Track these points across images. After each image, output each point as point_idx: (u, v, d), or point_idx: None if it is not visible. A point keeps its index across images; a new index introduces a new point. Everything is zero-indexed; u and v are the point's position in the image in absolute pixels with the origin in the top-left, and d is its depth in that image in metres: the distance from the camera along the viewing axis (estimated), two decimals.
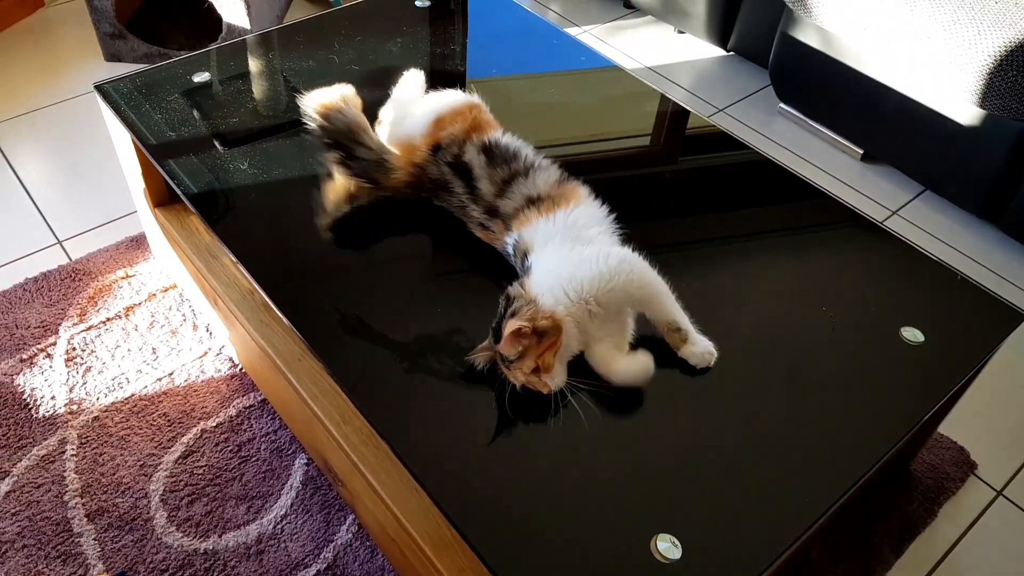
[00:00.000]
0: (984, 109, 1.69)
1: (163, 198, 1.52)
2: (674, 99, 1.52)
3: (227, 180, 1.28)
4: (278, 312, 1.12)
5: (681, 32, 2.49)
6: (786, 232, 1.27)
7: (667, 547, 0.87)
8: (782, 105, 2.19)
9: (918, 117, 1.83)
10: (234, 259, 1.18)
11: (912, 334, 1.11)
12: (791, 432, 0.99)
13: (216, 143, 1.35)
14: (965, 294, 1.18)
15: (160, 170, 1.30)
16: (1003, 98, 1.63)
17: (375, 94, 1.44)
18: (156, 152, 1.32)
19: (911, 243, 1.26)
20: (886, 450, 0.97)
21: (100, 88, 1.43)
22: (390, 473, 1.14)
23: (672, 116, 1.50)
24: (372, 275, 1.17)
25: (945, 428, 1.47)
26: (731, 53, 2.43)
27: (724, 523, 0.90)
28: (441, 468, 0.94)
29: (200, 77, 1.47)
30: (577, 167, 1.38)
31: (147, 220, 1.59)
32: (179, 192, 1.27)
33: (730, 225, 1.27)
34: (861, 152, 2.06)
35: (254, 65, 1.52)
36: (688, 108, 1.51)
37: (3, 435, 1.42)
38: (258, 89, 1.47)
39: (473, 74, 1.54)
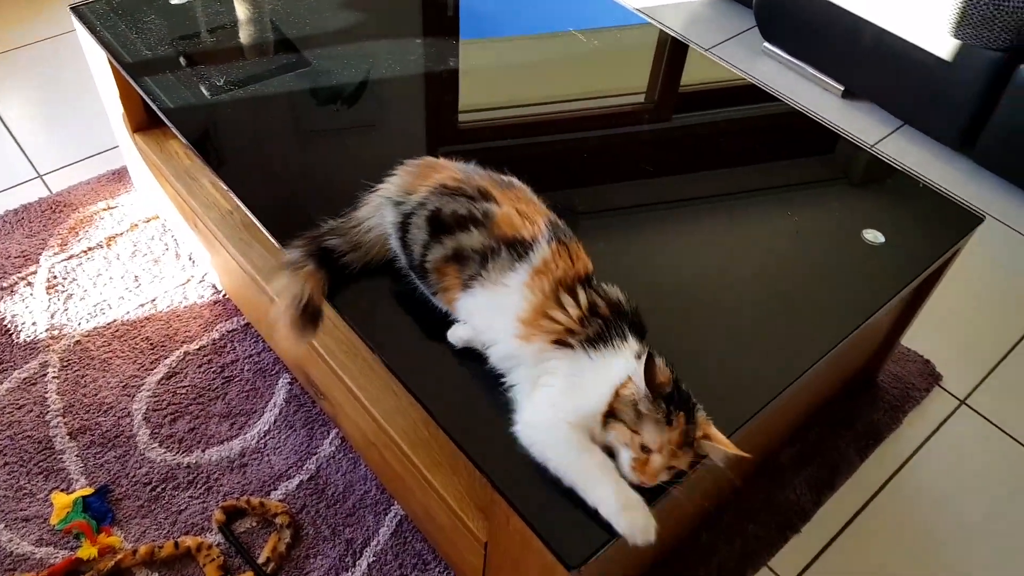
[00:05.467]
0: (959, 39, 1.71)
1: (142, 123, 1.52)
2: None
3: (204, 96, 1.29)
4: (256, 222, 1.14)
5: None
6: (758, 147, 1.29)
7: None
8: (766, 44, 2.20)
9: (897, 52, 1.85)
10: (213, 172, 1.19)
11: (873, 236, 1.14)
12: (758, 324, 1.02)
13: (193, 61, 1.35)
14: (926, 200, 1.21)
15: (136, 87, 1.31)
16: (976, 27, 1.65)
17: (361, 16, 1.45)
18: (132, 70, 1.32)
19: (875, 152, 1.28)
20: (846, 334, 1.01)
21: (76, 9, 1.43)
22: (369, 379, 1.16)
23: (671, 51, 1.51)
24: (350, 184, 1.18)
25: (911, 342, 1.51)
26: None
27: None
28: (418, 367, 0.96)
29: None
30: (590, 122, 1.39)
31: (127, 147, 1.59)
32: (155, 108, 1.27)
33: (709, 144, 1.30)
34: (842, 89, 2.08)
35: None
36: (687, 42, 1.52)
37: None
38: (236, 8, 1.47)
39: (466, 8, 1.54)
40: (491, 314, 0.93)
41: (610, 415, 0.83)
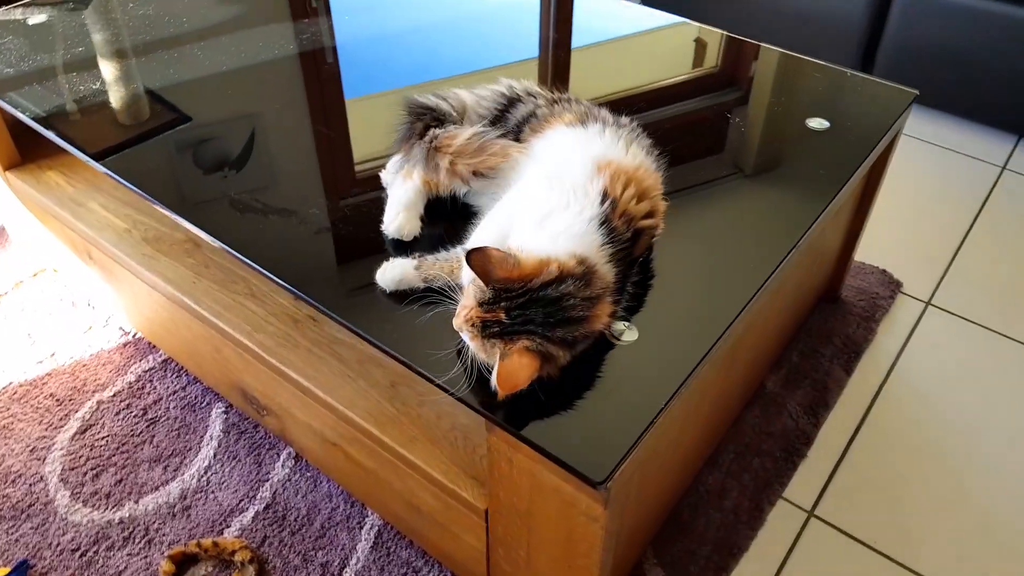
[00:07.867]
0: None
1: (14, 160, 1.36)
2: None
3: (78, 100, 1.15)
4: (168, 212, 1.01)
5: None
6: (691, 67, 1.26)
7: (622, 331, 0.81)
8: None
9: None
10: (110, 174, 1.05)
11: (818, 123, 1.11)
12: (725, 221, 0.96)
13: (60, 72, 1.22)
14: (860, 86, 1.20)
15: (5, 105, 1.16)
16: None
17: (225, 12, 1.35)
18: None
19: (803, 57, 1.27)
20: (814, 218, 0.95)
21: None
22: (317, 368, 1.03)
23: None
24: (248, 162, 1.07)
25: (863, 257, 1.49)
26: None
27: (674, 312, 0.85)
28: (375, 320, 0.85)
29: (36, 19, 1.34)
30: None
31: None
32: (25, 118, 1.13)
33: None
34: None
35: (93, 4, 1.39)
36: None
37: None
38: (98, 20, 1.34)
39: None
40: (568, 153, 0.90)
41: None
